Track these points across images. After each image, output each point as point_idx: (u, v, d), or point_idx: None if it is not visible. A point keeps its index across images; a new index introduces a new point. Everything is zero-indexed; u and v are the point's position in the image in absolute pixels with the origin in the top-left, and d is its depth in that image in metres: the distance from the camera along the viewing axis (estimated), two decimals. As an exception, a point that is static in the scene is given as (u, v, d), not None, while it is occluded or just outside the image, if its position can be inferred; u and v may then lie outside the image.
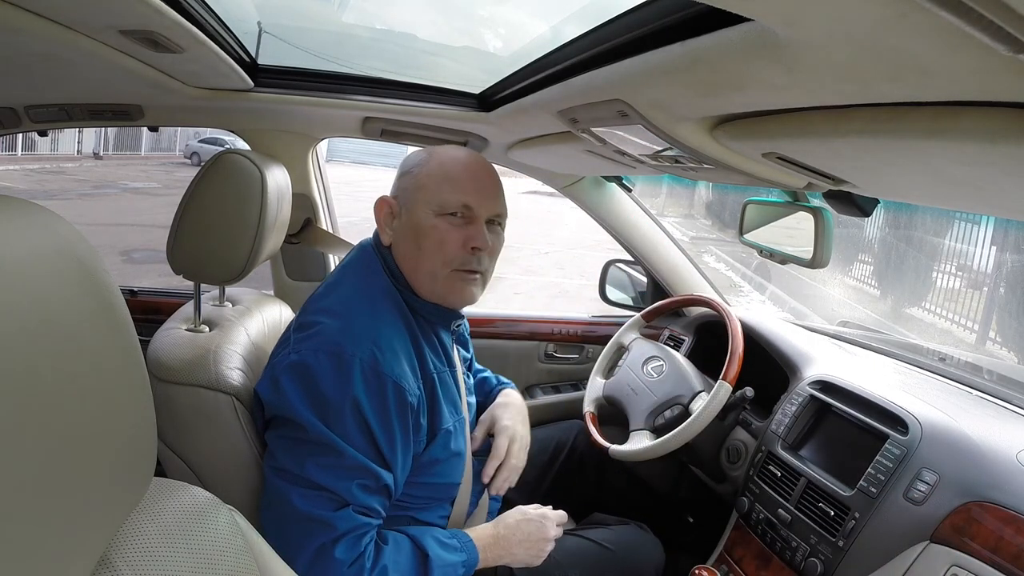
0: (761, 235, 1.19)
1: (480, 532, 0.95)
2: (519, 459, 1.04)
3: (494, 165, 1.00)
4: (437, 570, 0.85)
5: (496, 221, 0.96)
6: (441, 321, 0.97)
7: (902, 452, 0.93)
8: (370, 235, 1.01)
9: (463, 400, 1.00)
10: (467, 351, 1.16)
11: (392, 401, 0.82)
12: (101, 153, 15.70)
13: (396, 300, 0.92)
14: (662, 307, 1.52)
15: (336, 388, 0.80)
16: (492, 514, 1.11)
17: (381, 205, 0.95)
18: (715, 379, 1.22)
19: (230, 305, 1.11)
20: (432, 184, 0.91)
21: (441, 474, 0.95)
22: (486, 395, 1.18)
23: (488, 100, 1.25)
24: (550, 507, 1.03)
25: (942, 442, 0.92)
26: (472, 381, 1.17)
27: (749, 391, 1.23)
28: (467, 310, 1.01)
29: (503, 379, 1.24)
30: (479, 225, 0.92)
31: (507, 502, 1.23)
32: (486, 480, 1.01)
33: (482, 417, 1.10)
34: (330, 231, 1.59)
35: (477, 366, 1.24)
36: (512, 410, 1.11)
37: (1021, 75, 0.32)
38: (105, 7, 0.68)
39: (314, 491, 0.79)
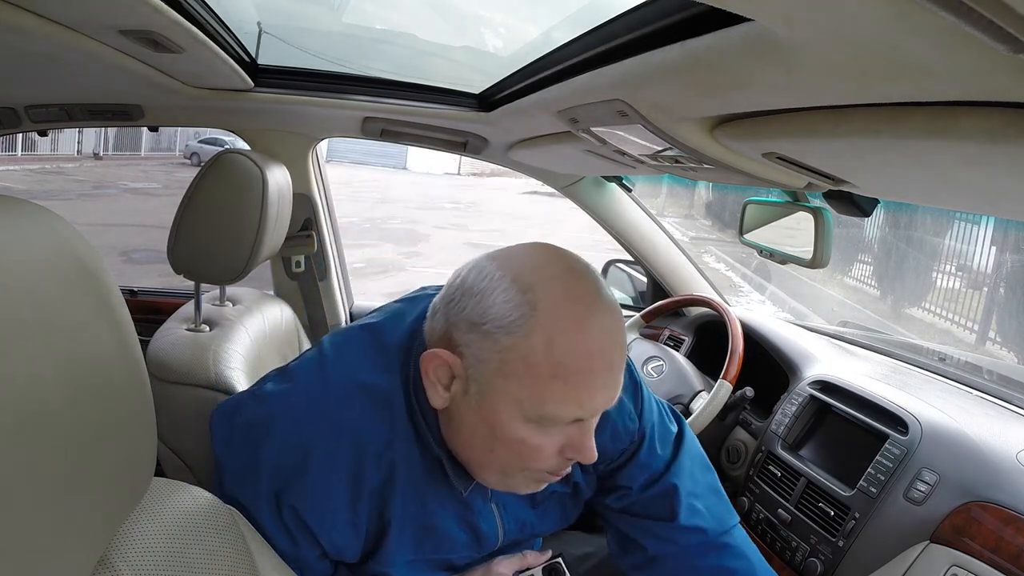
0: (761, 235, 1.19)
1: None
2: None
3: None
4: None
5: None
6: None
7: (902, 452, 0.93)
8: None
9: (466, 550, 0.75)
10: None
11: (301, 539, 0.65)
12: (101, 153, 15.69)
13: (396, 416, 0.65)
14: (662, 307, 1.52)
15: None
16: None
17: (434, 360, 0.61)
18: (715, 379, 1.22)
19: (230, 305, 1.11)
20: (530, 381, 0.58)
21: None
22: None
23: (488, 100, 1.25)
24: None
25: (942, 442, 0.92)
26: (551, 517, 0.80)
27: (749, 391, 1.23)
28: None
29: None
30: (587, 430, 0.62)
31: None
32: None
33: None
34: (330, 231, 1.59)
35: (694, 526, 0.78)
36: None
37: (1021, 75, 0.32)
38: (105, 7, 0.68)
39: None
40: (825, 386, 1.15)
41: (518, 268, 0.60)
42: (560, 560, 0.78)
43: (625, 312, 1.73)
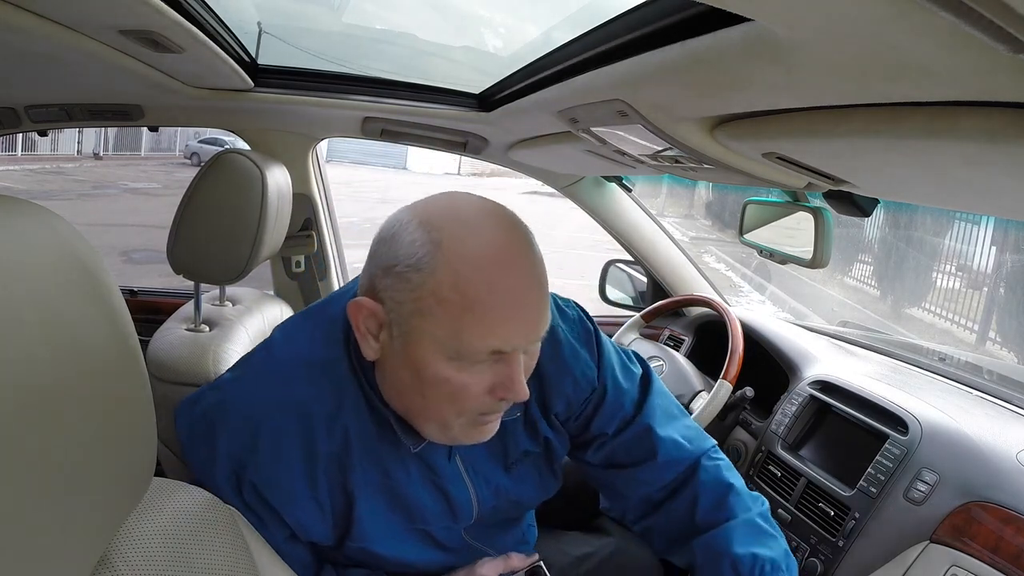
0: (761, 235, 1.19)
1: None
2: None
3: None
4: None
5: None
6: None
7: (902, 452, 0.93)
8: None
9: (438, 507, 0.74)
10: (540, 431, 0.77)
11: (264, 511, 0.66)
12: (101, 153, 15.69)
13: (342, 382, 0.67)
14: (662, 307, 1.52)
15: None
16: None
17: (360, 310, 0.62)
18: (715, 379, 1.22)
19: (230, 304, 1.11)
20: (444, 316, 0.58)
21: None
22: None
23: (488, 100, 1.25)
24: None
25: (942, 442, 0.92)
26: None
27: (749, 391, 1.23)
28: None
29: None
30: (514, 365, 0.61)
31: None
32: None
33: None
34: (330, 232, 1.59)
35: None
36: None
37: (1021, 75, 0.32)
38: (105, 7, 0.68)
39: None
40: (825, 386, 1.15)
41: (427, 211, 0.61)
42: (541, 564, 0.79)
43: (625, 312, 1.74)
